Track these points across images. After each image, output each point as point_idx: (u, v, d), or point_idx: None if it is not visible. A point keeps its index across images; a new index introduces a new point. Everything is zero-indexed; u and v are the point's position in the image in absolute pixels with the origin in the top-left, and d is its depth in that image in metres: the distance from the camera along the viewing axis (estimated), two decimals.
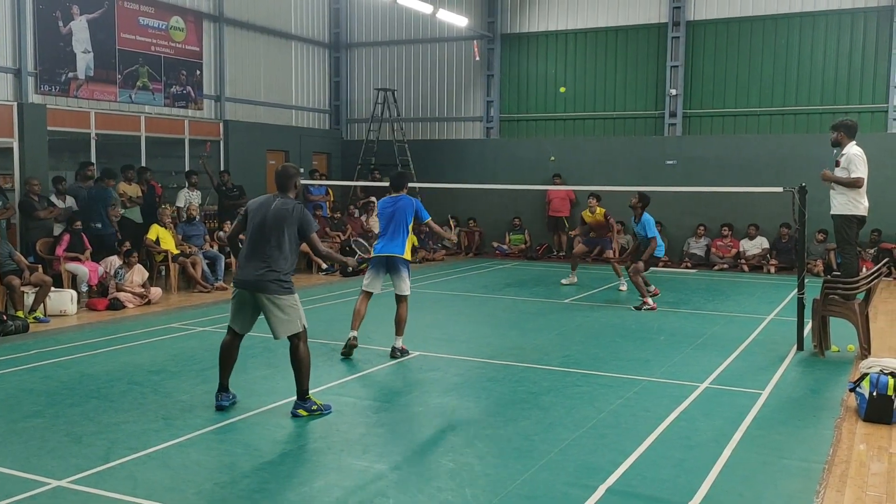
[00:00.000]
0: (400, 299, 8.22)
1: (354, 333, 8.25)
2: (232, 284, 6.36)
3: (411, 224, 8.33)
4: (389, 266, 8.21)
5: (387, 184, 18.18)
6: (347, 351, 8.18)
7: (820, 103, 16.68)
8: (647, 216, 11.95)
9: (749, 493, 4.80)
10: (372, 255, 8.46)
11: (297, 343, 6.18)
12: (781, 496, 4.81)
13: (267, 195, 6.37)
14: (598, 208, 13.82)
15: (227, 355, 6.35)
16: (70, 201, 12.61)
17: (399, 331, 8.24)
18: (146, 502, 4.57)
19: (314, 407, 6.16)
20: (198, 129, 16.66)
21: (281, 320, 6.11)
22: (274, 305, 6.07)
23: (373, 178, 18.69)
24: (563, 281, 14.05)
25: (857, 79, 16.38)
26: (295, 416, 6.11)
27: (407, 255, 8.25)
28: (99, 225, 12.52)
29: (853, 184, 8.38)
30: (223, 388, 6.36)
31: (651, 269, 12.03)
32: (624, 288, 13.12)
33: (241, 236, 6.47)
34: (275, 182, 6.43)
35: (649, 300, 11.41)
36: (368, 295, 8.39)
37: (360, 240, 9.86)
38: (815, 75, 16.70)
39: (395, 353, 8.19)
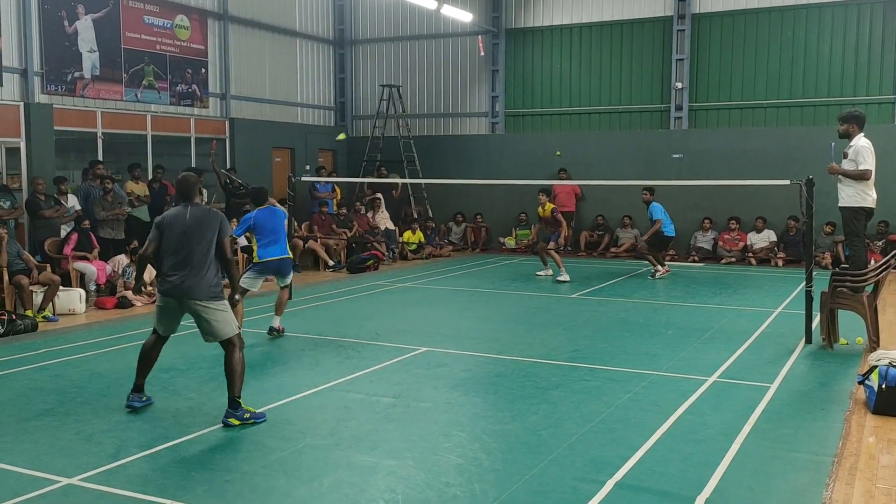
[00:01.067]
0: (285, 289, 9.37)
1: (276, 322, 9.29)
2: (157, 292, 6.35)
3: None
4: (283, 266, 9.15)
5: (394, 180, 18.22)
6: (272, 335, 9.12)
7: (827, 95, 16.60)
8: (653, 204, 14.29)
9: (758, 487, 4.79)
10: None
11: (231, 349, 6.07)
12: (791, 489, 4.80)
13: (176, 208, 6.25)
14: (547, 204, 14.04)
15: (148, 356, 6.44)
16: (73, 201, 12.63)
17: (278, 310, 9.24)
18: (156, 500, 4.59)
19: (246, 415, 5.92)
20: (204, 127, 16.68)
21: (212, 325, 6.09)
22: (205, 310, 6.07)
23: (379, 174, 18.70)
24: (538, 273, 14.47)
25: (864, 70, 16.30)
26: (227, 425, 5.85)
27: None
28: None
29: (861, 176, 8.35)
30: (138, 388, 6.37)
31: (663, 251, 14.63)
32: (541, 274, 14.24)
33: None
34: (177, 192, 6.38)
35: (660, 268, 13.96)
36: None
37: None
38: (821, 67, 16.63)
39: (272, 331, 9.13)
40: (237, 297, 6.80)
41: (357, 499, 4.64)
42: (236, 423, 5.89)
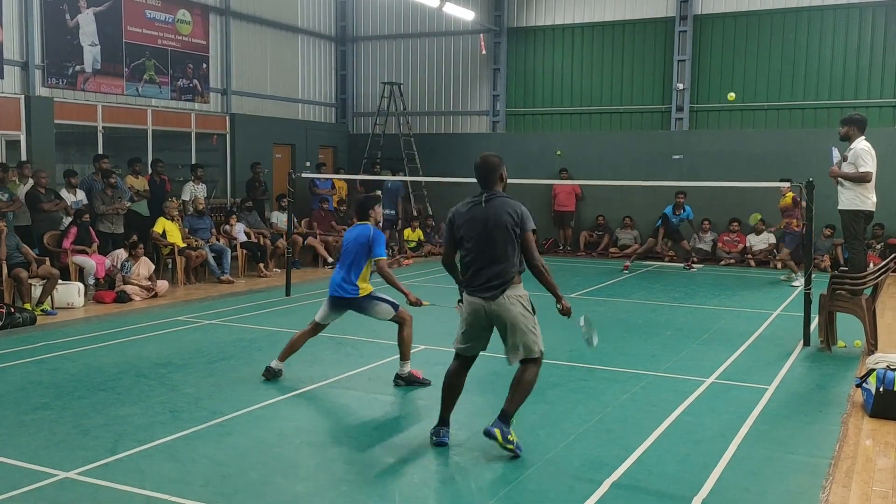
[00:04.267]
0: (395, 321, 7.10)
1: (278, 364, 7.11)
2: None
3: (367, 263, 7.00)
4: (348, 307, 7.02)
5: (388, 178, 18.08)
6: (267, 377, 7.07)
7: (828, 98, 16.60)
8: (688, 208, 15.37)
9: (755, 488, 4.79)
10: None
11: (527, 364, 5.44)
12: (787, 491, 4.80)
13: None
14: (788, 193, 13.67)
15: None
16: (80, 195, 12.63)
17: (403, 355, 7.05)
18: (153, 494, 4.59)
19: (510, 437, 5.25)
20: (204, 122, 16.67)
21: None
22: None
23: (373, 171, 18.69)
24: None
25: (865, 73, 16.30)
26: (488, 435, 5.24)
27: (364, 292, 6.97)
28: None
29: (862, 178, 8.34)
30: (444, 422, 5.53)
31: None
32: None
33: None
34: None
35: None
36: (318, 327, 7.17)
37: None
38: (822, 70, 16.63)
39: (398, 380, 7.04)
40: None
41: (354, 496, 4.64)
42: (499, 438, 5.15)
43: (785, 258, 14.10)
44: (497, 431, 5.11)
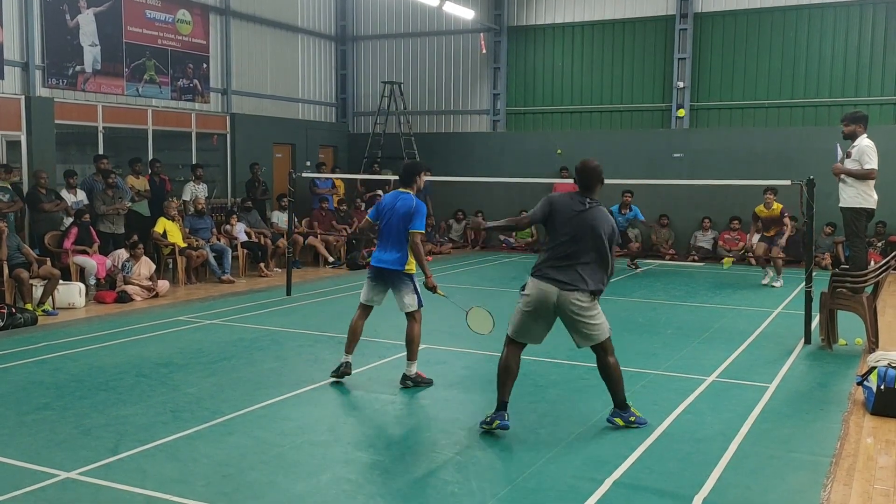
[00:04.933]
0: (408, 317, 6.90)
1: (348, 358, 6.98)
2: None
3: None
4: (387, 280, 6.81)
5: (386, 177, 18.17)
6: (338, 375, 6.96)
7: (828, 96, 16.60)
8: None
9: (756, 487, 4.79)
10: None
11: (600, 353, 5.87)
12: (789, 489, 4.80)
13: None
14: (775, 203, 13.32)
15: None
16: (81, 195, 12.64)
17: (411, 354, 6.86)
18: (155, 494, 4.59)
19: (632, 418, 5.75)
20: (204, 122, 16.67)
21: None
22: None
23: (373, 171, 18.68)
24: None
25: (866, 71, 16.29)
26: (611, 423, 5.73)
27: (409, 268, 6.77)
28: None
29: (866, 175, 8.33)
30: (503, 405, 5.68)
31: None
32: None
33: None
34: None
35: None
36: (367, 309, 7.05)
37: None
38: (823, 68, 16.62)
39: (406, 381, 6.86)
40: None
41: (355, 495, 4.64)
42: (620, 423, 5.73)
43: (776, 256, 13.38)
44: (618, 420, 5.74)
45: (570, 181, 18.52)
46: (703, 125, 17.74)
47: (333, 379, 6.99)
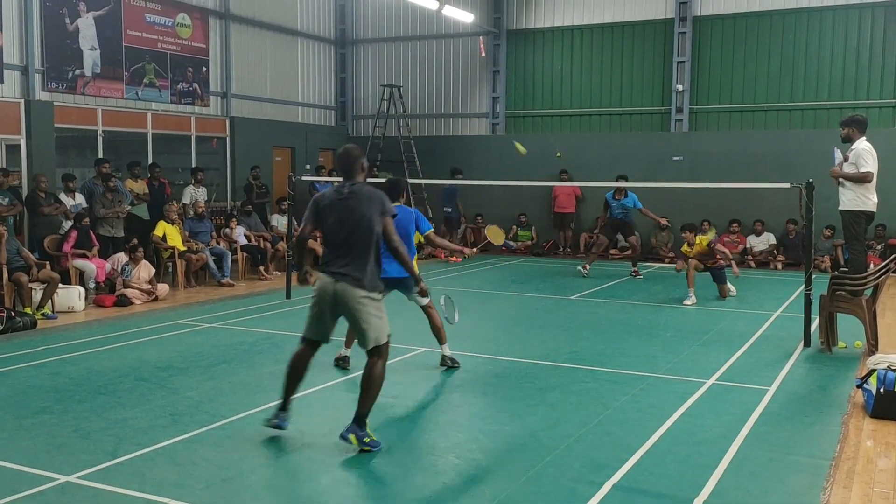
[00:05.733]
0: (425, 310, 7.56)
1: (346, 351, 7.60)
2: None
3: (415, 237, 7.45)
4: (399, 287, 7.26)
5: (384, 180, 18.21)
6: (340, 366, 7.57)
7: (827, 99, 16.61)
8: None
9: (756, 490, 4.79)
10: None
11: (373, 359, 5.53)
12: (788, 492, 4.80)
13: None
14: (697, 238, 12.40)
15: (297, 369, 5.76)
16: (80, 199, 12.64)
17: (441, 339, 7.63)
18: (154, 498, 4.59)
19: (366, 439, 5.32)
20: (204, 125, 16.69)
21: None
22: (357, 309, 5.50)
23: (373, 174, 18.68)
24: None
25: (865, 74, 16.31)
26: (344, 439, 5.32)
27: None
28: None
29: (862, 178, 8.35)
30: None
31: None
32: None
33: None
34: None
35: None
36: None
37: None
38: (822, 71, 16.64)
39: (446, 361, 7.64)
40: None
41: (355, 498, 4.64)
42: (354, 441, 5.26)
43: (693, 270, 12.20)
44: (352, 437, 5.25)
45: (570, 184, 18.65)
46: (703, 128, 17.75)
47: (336, 367, 7.54)
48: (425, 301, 7.30)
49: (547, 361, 7.97)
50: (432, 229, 7.62)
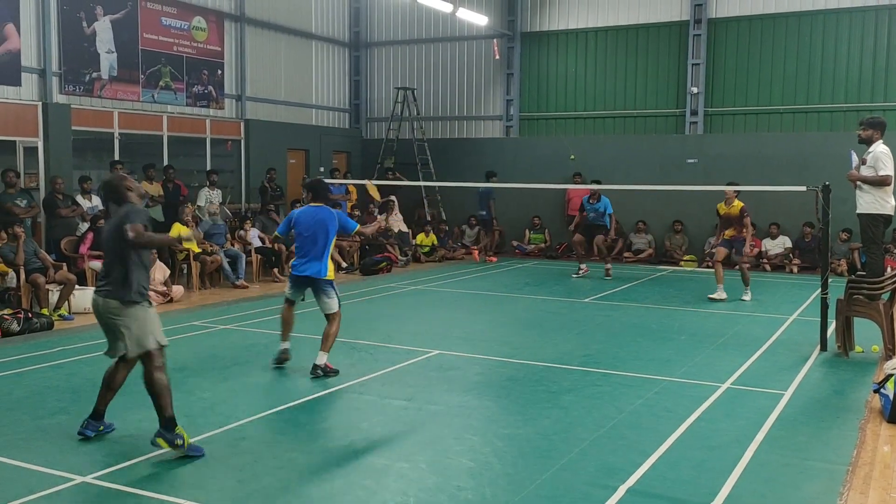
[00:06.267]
0: (328, 317, 7.46)
1: (286, 345, 7.64)
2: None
3: (333, 240, 7.54)
4: (311, 286, 7.46)
5: (403, 182, 18.48)
6: (280, 362, 7.61)
7: (844, 101, 16.49)
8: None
9: (771, 495, 4.76)
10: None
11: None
12: (804, 498, 4.77)
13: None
14: (736, 201, 12.47)
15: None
16: (96, 201, 12.74)
17: (324, 345, 7.36)
18: (169, 499, 4.61)
19: (178, 441, 5.27)
20: (219, 128, 16.78)
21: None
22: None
23: (387, 177, 18.74)
24: (712, 296, 12.62)
25: (882, 76, 16.18)
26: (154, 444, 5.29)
27: (330, 275, 7.44)
28: None
29: (881, 182, 8.28)
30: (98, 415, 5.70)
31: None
32: (715, 297, 12.34)
33: None
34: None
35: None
36: (292, 304, 7.72)
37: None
38: (838, 73, 16.52)
39: (317, 370, 7.29)
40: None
41: (369, 501, 4.65)
42: (165, 445, 5.24)
43: (720, 261, 12.51)
44: (161, 441, 5.27)
45: (584, 187, 18.65)
46: (718, 131, 17.67)
47: (275, 366, 7.60)
48: (332, 309, 7.41)
49: (561, 364, 7.95)
50: (358, 227, 7.88)
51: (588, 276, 14.76)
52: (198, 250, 13.13)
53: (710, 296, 12.30)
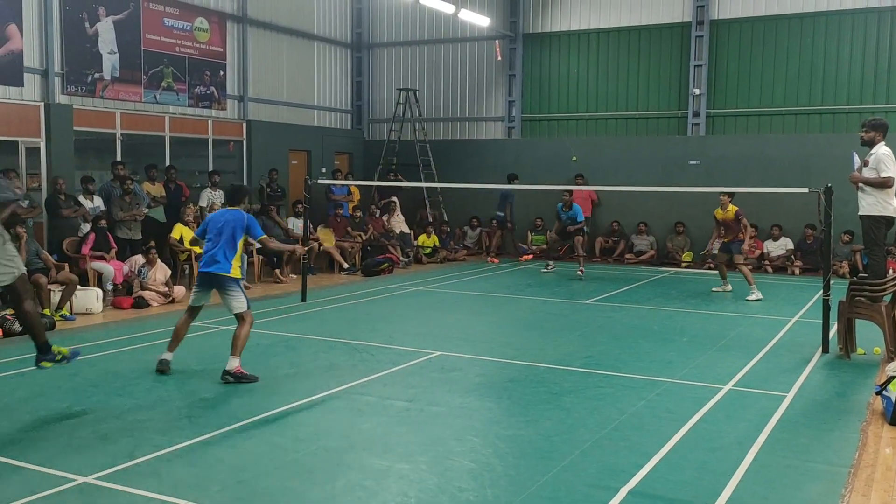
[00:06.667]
0: (238, 318, 7.44)
1: (169, 356, 7.58)
2: None
3: (240, 241, 7.53)
4: (215, 284, 7.45)
5: (405, 183, 18.55)
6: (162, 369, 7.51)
7: (846, 103, 16.48)
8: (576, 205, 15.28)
9: (773, 497, 4.76)
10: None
11: None
12: (806, 500, 4.77)
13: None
14: (730, 205, 12.99)
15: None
16: (98, 201, 12.76)
17: (233, 349, 7.24)
18: (170, 499, 4.61)
19: (58, 357, 6.32)
20: (221, 129, 16.78)
21: None
22: None
23: (388, 178, 18.76)
24: (715, 289, 13.42)
25: (884, 78, 16.16)
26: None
27: (234, 273, 7.43)
28: None
29: (883, 184, 8.27)
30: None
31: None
32: (718, 289, 13.23)
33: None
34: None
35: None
36: (193, 311, 7.71)
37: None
38: (840, 74, 16.51)
39: (226, 376, 7.13)
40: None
41: (369, 502, 4.65)
42: (48, 364, 6.26)
43: (723, 262, 13.04)
44: (45, 363, 6.24)
45: (586, 188, 18.71)
46: (720, 132, 17.66)
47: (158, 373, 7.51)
48: (240, 309, 7.41)
49: (562, 366, 7.95)
50: (263, 236, 7.87)
51: (554, 271, 15.75)
52: (199, 251, 13.14)
53: (714, 289, 13.15)
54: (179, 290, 11.97)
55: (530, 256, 16.83)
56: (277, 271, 14.17)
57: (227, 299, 7.44)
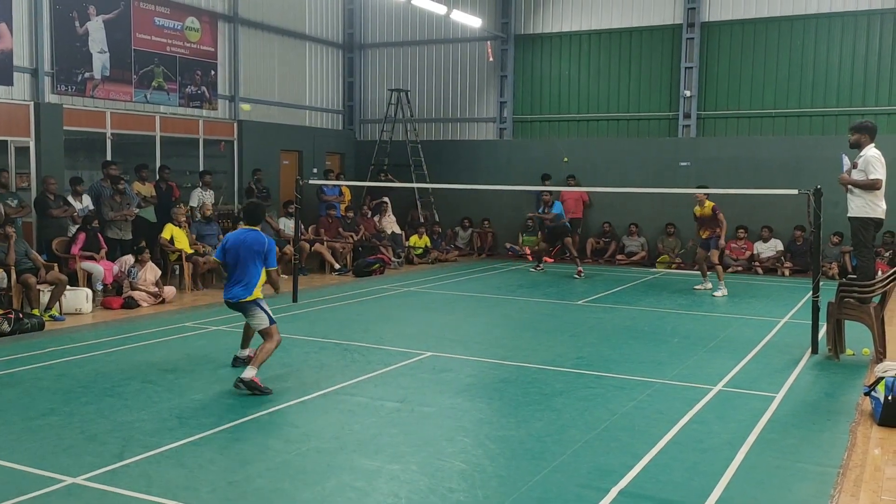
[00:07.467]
0: (262, 334, 7.31)
1: (243, 353, 7.81)
2: None
3: (262, 268, 7.31)
4: (238, 309, 7.39)
5: (396, 184, 18.51)
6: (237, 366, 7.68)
7: (836, 105, 16.56)
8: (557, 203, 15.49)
9: (763, 497, 4.77)
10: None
11: None
12: (795, 500, 4.78)
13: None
14: (707, 202, 13.29)
15: None
16: (87, 201, 12.70)
17: (254, 360, 7.07)
18: (160, 500, 4.59)
19: None
20: (212, 128, 16.74)
21: None
22: None
23: (379, 178, 18.74)
24: (697, 287, 13.70)
25: (873, 80, 16.26)
26: None
27: (255, 295, 7.27)
28: None
29: (871, 185, 8.32)
30: None
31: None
32: (700, 287, 13.55)
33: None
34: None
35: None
36: None
37: None
38: (830, 77, 16.59)
39: (239, 383, 6.85)
40: None
41: (361, 502, 4.64)
42: None
43: (703, 261, 13.43)
44: None
45: (578, 189, 18.75)
46: (710, 134, 17.72)
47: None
48: (261, 326, 7.25)
49: (553, 367, 7.96)
50: (275, 267, 7.42)
51: (544, 272, 15.83)
52: (190, 251, 13.12)
53: (696, 287, 13.46)
54: (169, 291, 11.93)
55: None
56: None
57: (249, 320, 7.44)
